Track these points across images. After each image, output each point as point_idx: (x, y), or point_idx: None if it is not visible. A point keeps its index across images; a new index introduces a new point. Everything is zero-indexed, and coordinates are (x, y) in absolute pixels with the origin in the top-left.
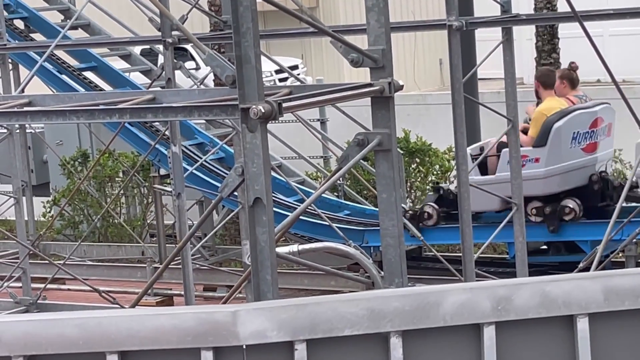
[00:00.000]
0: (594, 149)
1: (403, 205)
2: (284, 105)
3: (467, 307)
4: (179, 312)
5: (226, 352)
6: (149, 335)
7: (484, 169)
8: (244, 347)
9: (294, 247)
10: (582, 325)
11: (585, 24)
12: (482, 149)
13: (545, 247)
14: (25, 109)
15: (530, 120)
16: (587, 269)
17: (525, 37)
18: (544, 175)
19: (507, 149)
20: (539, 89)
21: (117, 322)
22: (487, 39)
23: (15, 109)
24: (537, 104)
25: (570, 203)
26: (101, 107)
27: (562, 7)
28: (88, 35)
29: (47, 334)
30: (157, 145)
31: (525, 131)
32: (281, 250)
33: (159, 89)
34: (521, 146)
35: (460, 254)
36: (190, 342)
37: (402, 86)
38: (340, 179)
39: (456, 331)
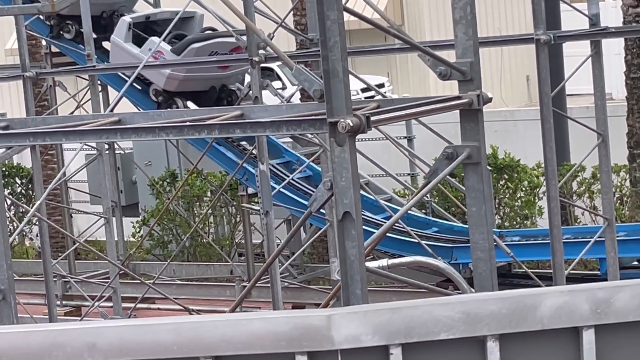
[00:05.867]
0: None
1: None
2: (372, 118)
3: (565, 310)
4: (274, 317)
5: (320, 356)
6: (243, 340)
7: None
8: (339, 351)
9: (384, 262)
10: None
11: None
12: None
13: (637, 262)
14: (115, 126)
15: None
16: None
17: (613, 52)
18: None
19: None
20: None
21: (211, 327)
22: (574, 55)
23: (106, 127)
24: None
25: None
26: (189, 123)
27: None
28: None
29: (142, 339)
30: (244, 164)
31: None
32: (371, 264)
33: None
34: None
35: (551, 271)
36: (285, 347)
37: (491, 99)
38: (428, 195)
39: (554, 335)
